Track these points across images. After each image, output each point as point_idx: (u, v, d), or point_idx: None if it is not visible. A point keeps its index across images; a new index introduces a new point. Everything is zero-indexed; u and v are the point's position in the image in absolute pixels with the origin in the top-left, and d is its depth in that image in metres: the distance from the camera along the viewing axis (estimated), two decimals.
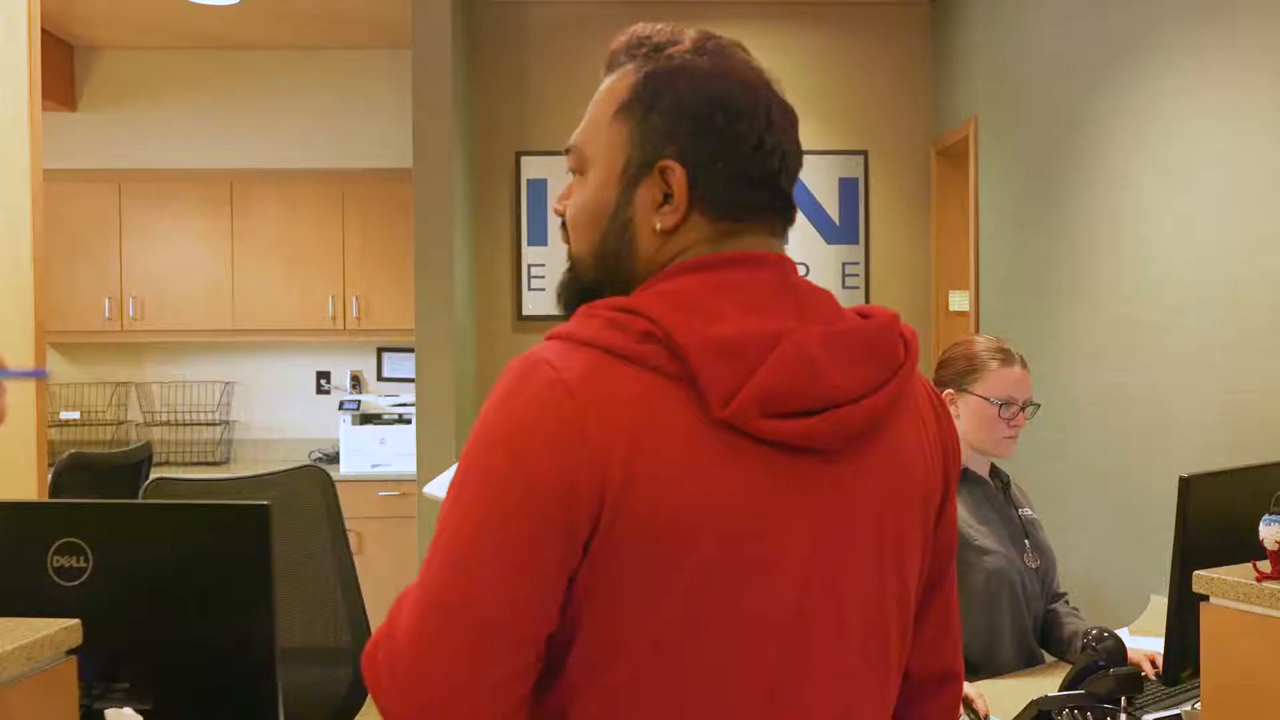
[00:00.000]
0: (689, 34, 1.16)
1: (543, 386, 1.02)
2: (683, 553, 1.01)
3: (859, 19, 5.37)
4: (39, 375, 1.27)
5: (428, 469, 4.64)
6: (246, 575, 1.75)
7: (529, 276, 5.30)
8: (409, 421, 5.81)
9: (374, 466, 5.76)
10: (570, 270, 1.17)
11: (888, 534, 1.12)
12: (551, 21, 5.27)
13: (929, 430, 1.19)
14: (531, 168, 5.27)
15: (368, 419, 5.88)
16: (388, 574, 5.33)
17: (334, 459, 5.90)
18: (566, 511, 1.00)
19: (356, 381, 6.35)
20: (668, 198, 1.11)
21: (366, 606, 3.06)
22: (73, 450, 3.65)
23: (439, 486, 1.59)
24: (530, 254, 5.29)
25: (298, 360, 6.33)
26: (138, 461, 3.86)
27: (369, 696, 2.96)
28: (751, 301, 1.06)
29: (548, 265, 5.28)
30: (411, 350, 6.15)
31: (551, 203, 5.20)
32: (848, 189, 5.34)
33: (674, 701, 1.04)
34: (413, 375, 6.18)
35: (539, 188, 5.29)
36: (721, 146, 1.10)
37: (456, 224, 4.73)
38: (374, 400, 5.96)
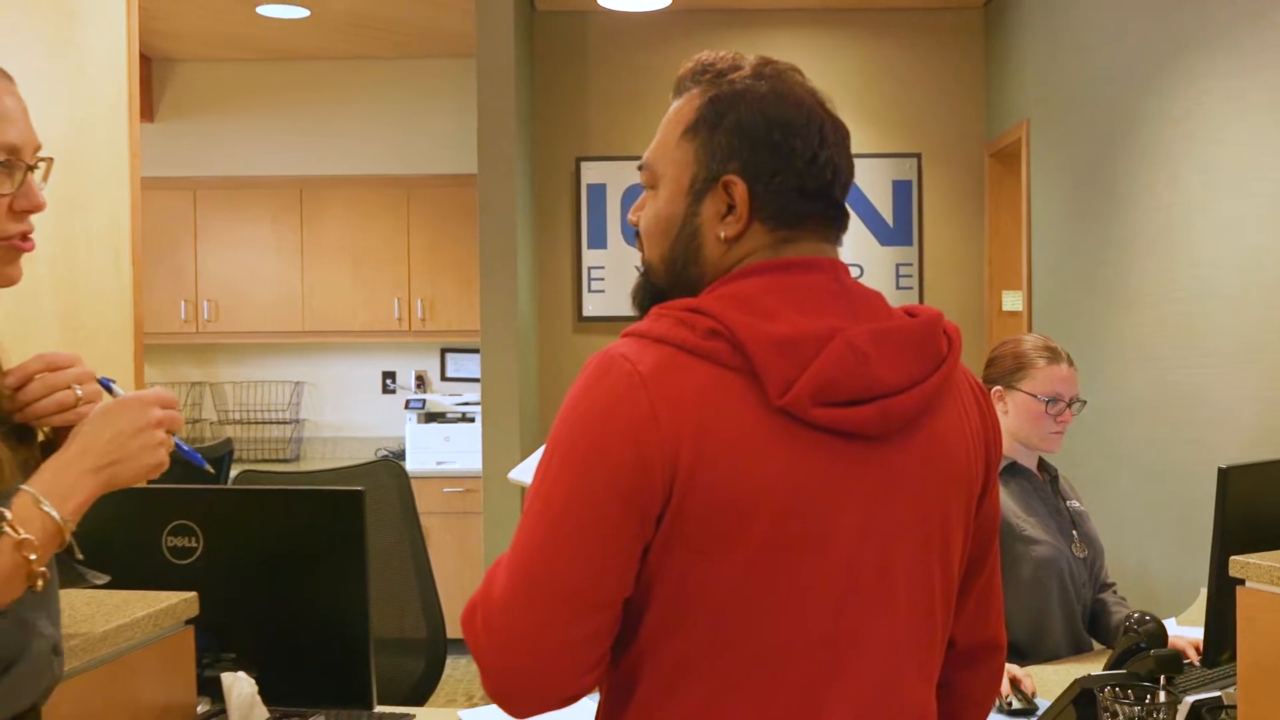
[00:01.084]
0: (749, 60, 1.28)
1: (620, 378, 1.15)
2: (744, 526, 1.14)
3: (912, 24, 5.45)
4: (200, 464, 1.42)
5: (493, 464, 4.80)
6: (342, 555, 1.90)
7: (589, 279, 5.44)
8: (472, 420, 5.99)
9: (439, 464, 5.94)
10: (644, 275, 1.30)
11: (932, 513, 1.24)
12: (609, 30, 5.40)
13: (971, 419, 1.30)
14: (591, 173, 5.41)
15: (432, 417, 6.06)
16: (453, 568, 5.50)
17: (399, 456, 6.09)
18: (641, 489, 1.13)
19: (421, 381, 6.54)
20: (731, 209, 1.23)
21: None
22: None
23: (522, 472, 1.73)
24: (590, 257, 5.43)
25: (364, 361, 6.53)
26: (219, 456, 4.05)
27: (435, 687, 3.08)
28: (806, 302, 1.19)
29: (607, 268, 5.42)
30: (473, 350, 6.33)
31: (610, 207, 5.36)
32: (901, 191, 5.43)
33: (735, 663, 1.16)
34: (475, 375, 6.36)
35: (598, 192, 5.43)
36: (779, 162, 1.22)
37: (519, 228, 4.89)
38: (438, 399, 6.14)
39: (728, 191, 1.23)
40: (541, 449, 1.24)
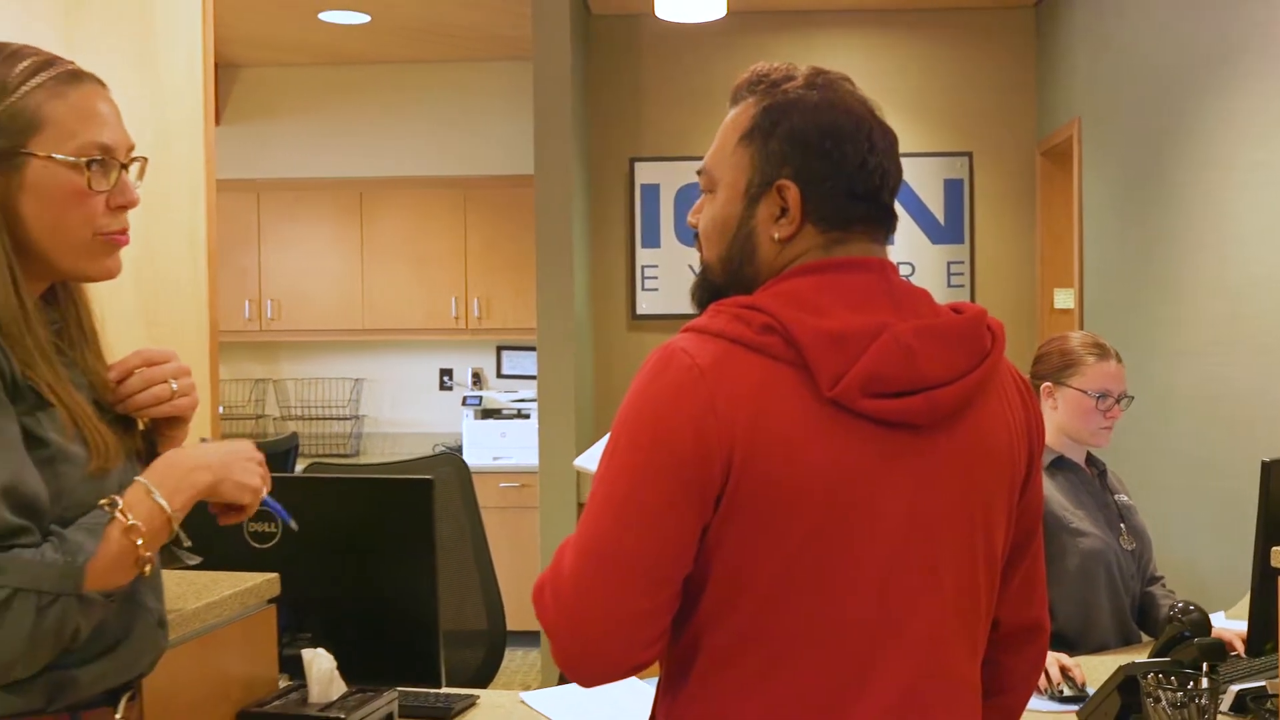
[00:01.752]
0: (802, 70, 1.36)
1: (680, 370, 1.23)
2: (796, 509, 1.21)
3: (963, 23, 5.48)
4: (286, 519, 1.54)
5: (549, 460, 4.90)
6: (412, 541, 2.00)
7: (643, 277, 5.52)
8: (528, 416, 6.10)
9: (495, 459, 6.06)
10: (702, 274, 1.38)
11: (976, 499, 1.31)
12: (662, 33, 5.48)
13: (1015, 411, 1.37)
14: (645, 173, 5.50)
15: (489, 414, 6.18)
16: (509, 561, 5.59)
17: (456, 452, 6.21)
18: (700, 473, 1.21)
19: (477, 378, 6.67)
20: (784, 212, 1.31)
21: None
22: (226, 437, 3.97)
23: (588, 460, 1.82)
24: (643, 255, 5.52)
25: (422, 358, 6.66)
26: (286, 450, 4.19)
27: (493, 677, 3.17)
28: (856, 300, 1.26)
29: (660, 266, 5.50)
30: (529, 348, 6.44)
31: (663, 207, 5.44)
32: (952, 190, 5.46)
33: (787, 638, 1.24)
34: (530, 372, 6.47)
35: (652, 192, 5.51)
36: (830, 167, 1.30)
37: (575, 228, 4.98)
38: (495, 396, 6.27)
39: (781, 195, 1.30)
40: (606, 438, 1.32)
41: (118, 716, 1.31)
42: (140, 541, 1.22)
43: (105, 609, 1.24)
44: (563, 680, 3.01)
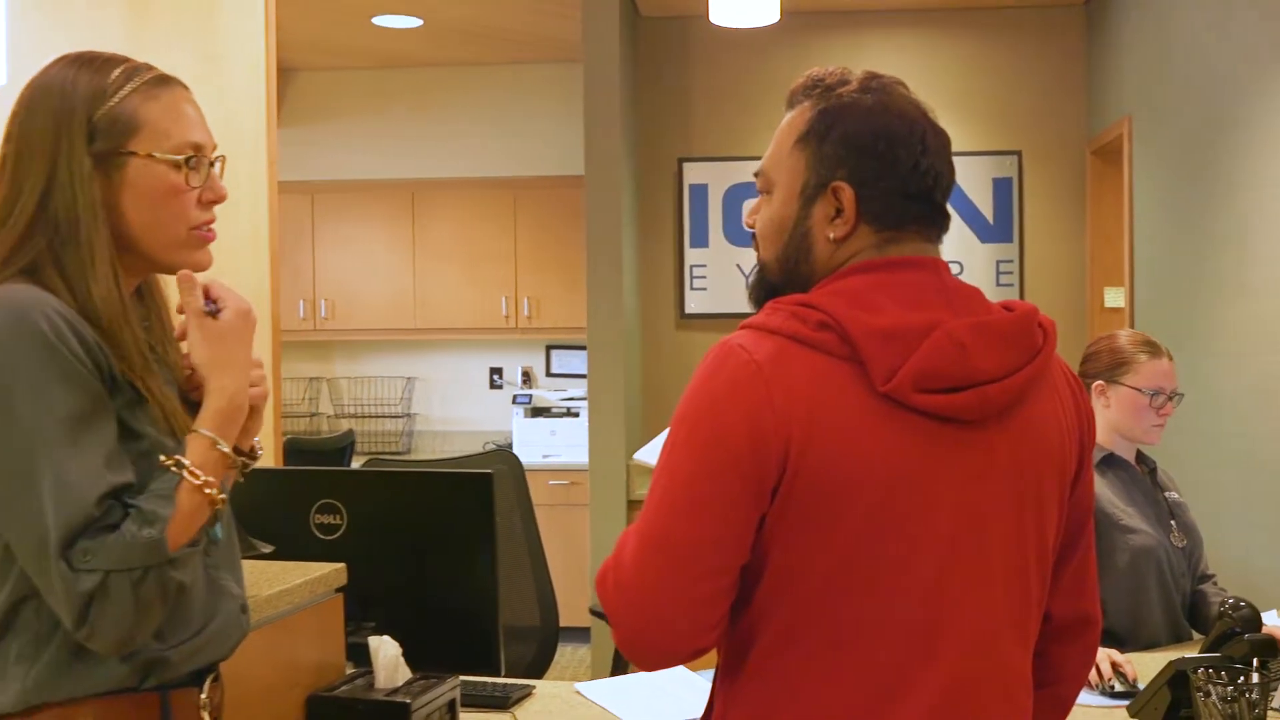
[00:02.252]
0: (856, 75, 1.40)
1: (738, 366, 1.28)
2: (850, 499, 1.25)
3: (1012, 22, 5.47)
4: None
5: (600, 457, 4.96)
6: (473, 533, 2.06)
7: (690, 277, 5.56)
8: (577, 415, 6.16)
9: (544, 457, 6.12)
10: (759, 273, 1.43)
11: (1027, 492, 1.34)
12: (711, 34, 5.52)
13: (1066, 407, 1.40)
14: (693, 173, 5.54)
15: (538, 412, 6.25)
16: (559, 558, 5.63)
17: (506, 450, 6.28)
18: (757, 465, 1.25)
19: (527, 377, 6.74)
20: (839, 212, 1.35)
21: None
22: (287, 436, 4.07)
23: (647, 453, 1.87)
24: (692, 255, 5.56)
25: (472, 357, 6.75)
26: (343, 447, 4.27)
27: (544, 673, 3.22)
28: (909, 297, 1.30)
29: (708, 266, 5.54)
30: (578, 347, 6.50)
31: (711, 207, 5.47)
32: (1001, 189, 5.45)
33: (841, 626, 1.28)
34: (579, 370, 6.53)
35: (700, 192, 5.55)
36: (883, 169, 1.34)
37: (624, 228, 5.03)
38: (544, 394, 6.34)
39: (836, 196, 1.34)
40: (665, 432, 1.37)
41: (202, 696, 1.37)
42: (211, 490, 1.28)
43: (196, 553, 1.29)
44: (614, 672, 3.05)
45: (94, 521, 1.20)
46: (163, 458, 1.28)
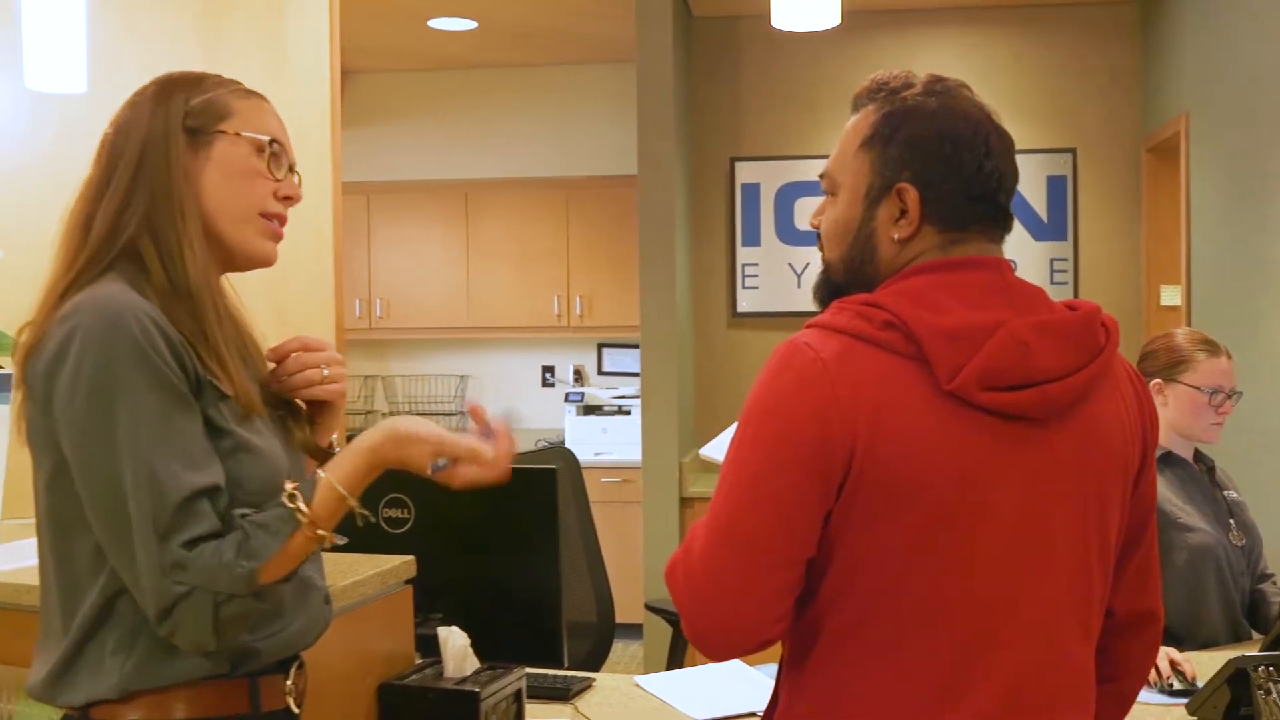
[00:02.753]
0: (920, 78, 1.42)
1: (805, 364, 1.30)
2: (915, 496, 1.28)
3: (1066, 19, 5.44)
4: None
5: (652, 455, 4.99)
6: (537, 527, 2.10)
7: (743, 276, 5.58)
8: (628, 412, 6.21)
9: (596, 454, 6.17)
10: (824, 273, 1.45)
11: (1090, 489, 1.36)
12: (763, 34, 5.53)
13: (1129, 405, 1.42)
14: (745, 173, 5.56)
15: (590, 410, 6.30)
16: (611, 555, 5.67)
17: (560, 446, 6.33)
18: (824, 462, 1.28)
19: (579, 375, 6.79)
20: (903, 214, 1.37)
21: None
22: (350, 433, 4.14)
23: (713, 449, 1.90)
24: (744, 254, 5.58)
25: (525, 355, 6.81)
26: None
27: (599, 669, 3.26)
28: (973, 297, 1.32)
29: (760, 265, 5.56)
30: (629, 346, 6.55)
31: (763, 206, 5.49)
32: (1055, 187, 5.43)
33: (904, 619, 1.30)
34: (630, 369, 6.58)
35: (752, 191, 5.57)
36: (948, 171, 1.36)
37: (677, 227, 5.07)
38: (596, 392, 6.38)
39: (900, 198, 1.37)
40: (731, 428, 1.40)
41: (288, 683, 1.42)
42: (322, 533, 1.32)
43: (284, 589, 1.34)
44: (670, 668, 3.09)
45: (182, 525, 1.24)
46: (286, 492, 1.31)
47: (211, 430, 1.32)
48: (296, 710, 1.44)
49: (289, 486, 1.32)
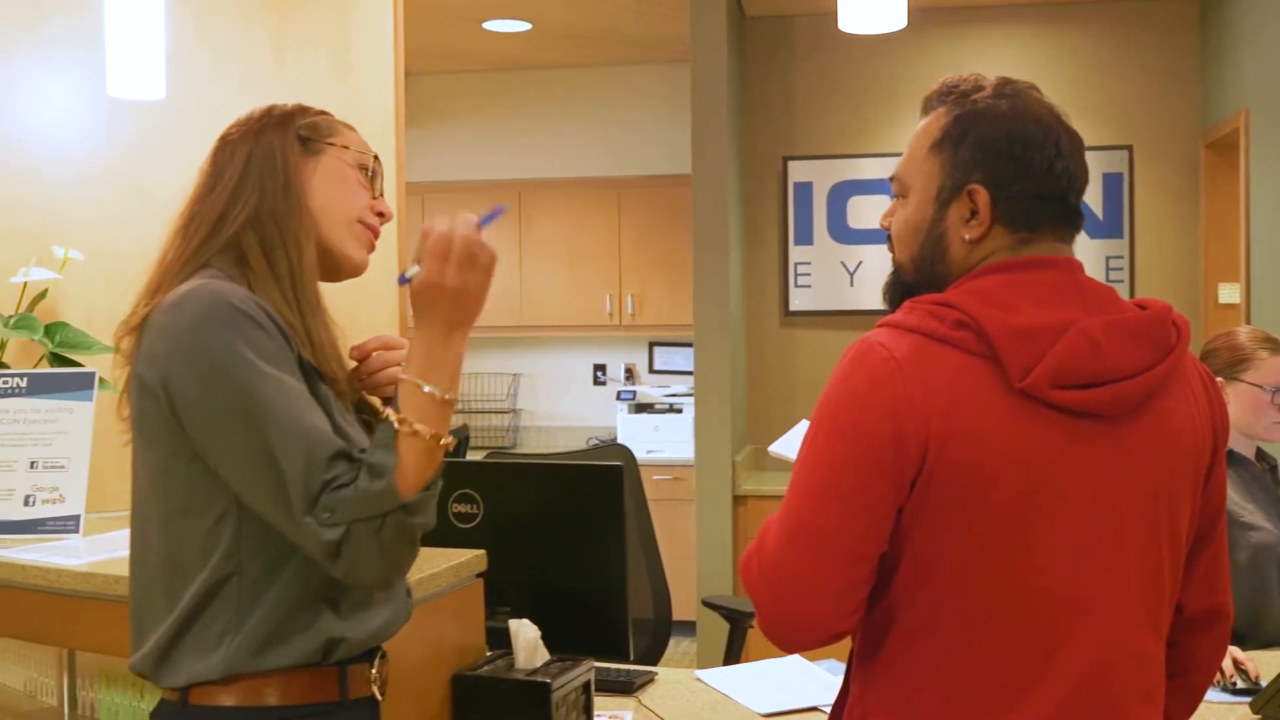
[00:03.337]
0: (990, 81, 1.44)
1: (878, 363, 1.33)
2: (987, 492, 1.30)
3: (1123, 14, 5.41)
4: (497, 213, 1.54)
5: (705, 453, 5.02)
6: (603, 522, 2.14)
7: (795, 274, 5.59)
8: (680, 410, 6.24)
9: (648, 452, 6.20)
10: (894, 274, 1.48)
11: (1160, 486, 1.37)
12: (815, 33, 5.55)
13: (1199, 403, 1.43)
14: (798, 172, 5.57)
15: (642, 408, 6.34)
16: (662, 552, 5.73)
17: (613, 444, 6.37)
18: (897, 459, 1.30)
19: (630, 373, 6.83)
20: (974, 214, 1.39)
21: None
22: None
23: (783, 446, 1.93)
24: (796, 253, 5.59)
25: (577, 354, 6.86)
26: (459, 441, 4.39)
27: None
28: (1044, 297, 1.34)
29: (813, 264, 5.57)
30: (680, 344, 6.58)
31: (815, 205, 5.49)
32: (1111, 184, 5.39)
33: (977, 614, 1.32)
34: (681, 367, 6.61)
35: (804, 190, 5.58)
36: (1018, 172, 1.38)
37: (730, 226, 5.09)
38: (648, 390, 6.42)
39: (971, 199, 1.39)
40: (799, 425, 1.43)
41: (373, 671, 1.47)
42: (431, 434, 1.33)
43: (434, 496, 1.37)
44: (726, 663, 3.12)
45: (332, 480, 1.29)
46: (382, 416, 1.34)
47: None
48: (380, 698, 1.49)
49: (386, 412, 1.34)
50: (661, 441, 6.27)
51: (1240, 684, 2.24)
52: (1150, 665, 1.39)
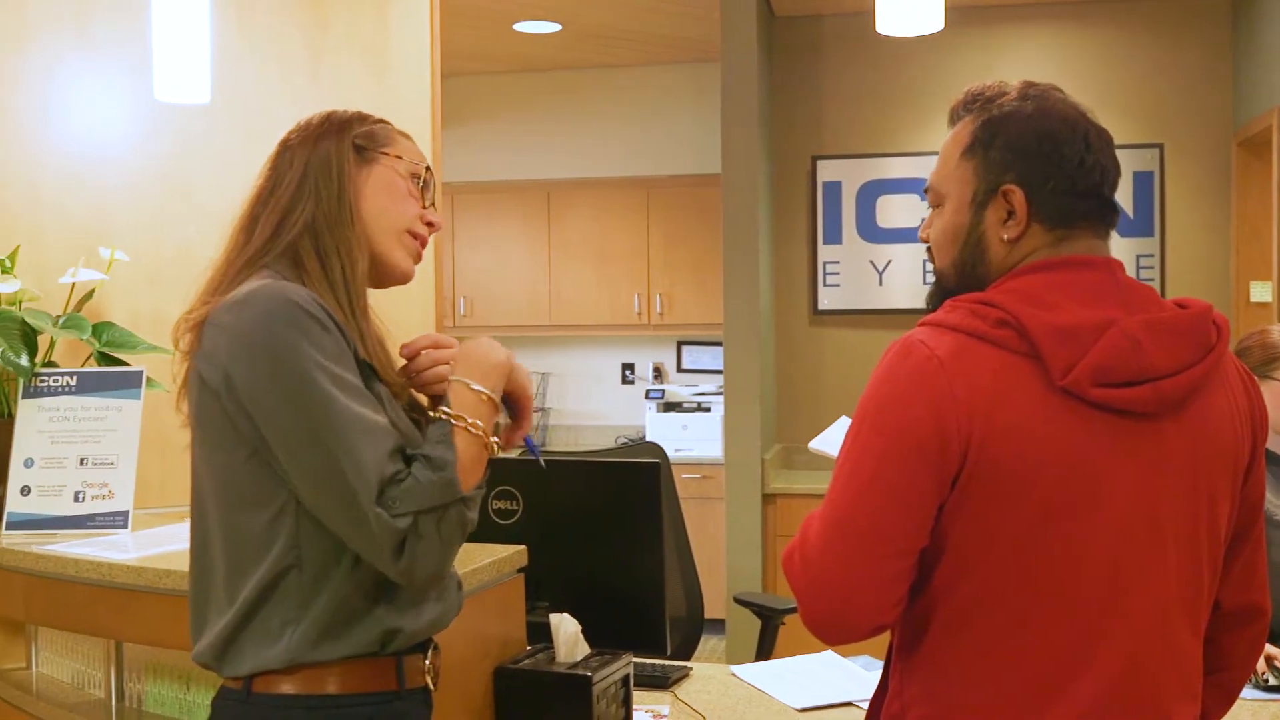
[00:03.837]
0: (1014, 85, 1.47)
1: (920, 361, 1.35)
2: (1028, 489, 1.32)
3: (1155, 13, 5.39)
4: (536, 454, 1.67)
5: (735, 451, 5.04)
6: (641, 519, 2.17)
7: (824, 273, 5.61)
8: (708, 409, 6.26)
9: (676, 451, 6.22)
10: (937, 281, 1.50)
11: (1200, 483, 1.39)
12: (843, 33, 5.56)
13: (1239, 402, 1.44)
14: (827, 171, 5.58)
15: (670, 406, 6.37)
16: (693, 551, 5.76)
17: (642, 442, 6.40)
18: (939, 455, 1.32)
19: (658, 372, 6.86)
20: (1011, 214, 1.42)
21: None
22: None
23: (823, 443, 1.96)
24: (825, 252, 5.60)
25: (605, 353, 6.90)
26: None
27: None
28: (1085, 295, 1.36)
29: (842, 263, 5.58)
30: (708, 344, 6.60)
31: (844, 204, 5.50)
32: (1142, 182, 5.38)
33: (1016, 608, 1.35)
34: (709, 366, 6.63)
35: (833, 189, 5.59)
36: (1050, 169, 1.40)
37: (760, 225, 5.11)
38: (677, 389, 6.44)
39: (1007, 199, 1.41)
40: (839, 422, 1.46)
41: (426, 662, 1.51)
42: (481, 431, 1.40)
43: (482, 493, 1.43)
44: (758, 659, 3.14)
45: (395, 474, 1.34)
46: (433, 414, 1.42)
47: None
48: (433, 688, 1.53)
49: (436, 411, 1.42)
50: (690, 440, 6.29)
51: (1273, 680, 2.25)
52: (1188, 660, 1.41)
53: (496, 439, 1.44)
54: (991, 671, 1.36)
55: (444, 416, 1.40)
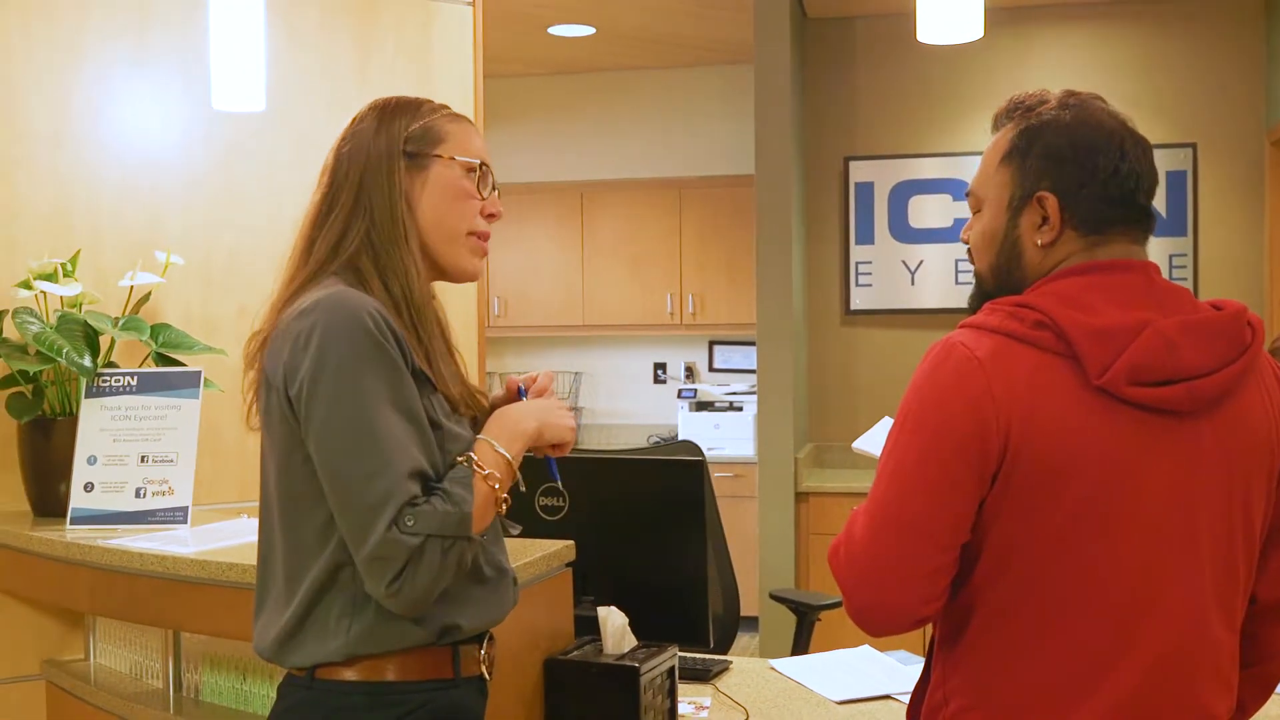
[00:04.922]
0: (1055, 94, 1.52)
1: (960, 361, 1.40)
2: (1066, 484, 1.37)
3: (1188, 13, 5.40)
4: (555, 476, 1.76)
5: (768, 450, 5.09)
6: (684, 516, 2.22)
7: (856, 273, 5.65)
8: (740, 409, 6.31)
9: (709, 450, 6.26)
10: (976, 284, 1.55)
11: (1235, 480, 1.43)
12: (875, 34, 5.60)
13: (1273, 401, 1.48)
14: (859, 172, 5.62)
15: (702, 406, 6.42)
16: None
17: (674, 441, 6.46)
18: (980, 453, 1.37)
19: (690, 372, 6.91)
20: (1045, 220, 1.46)
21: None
22: None
23: (866, 442, 2.01)
24: (857, 252, 5.64)
25: (637, 352, 6.96)
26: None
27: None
28: (1121, 298, 1.41)
29: (874, 263, 5.61)
30: (740, 343, 6.65)
31: (876, 204, 5.53)
32: (1175, 182, 5.39)
33: (1055, 603, 1.39)
34: (741, 366, 6.68)
35: (865, 190, 5.63)
36: (1084, 176, 1.45)
37: (793, 226, 5.16)
38: (709, 389, 6.49)
39: (1041, 205, 1.46)
40: (882, 422, 1.51)
41: (482, 653, 1.57)
42: (497, 486, 1.47)
43: (479, 545, 1.49)
44: (794, 654, 3.19)
45: (413, 498, 1.39)
46: (460, 458, 1.47)
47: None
48: (488, 678, 1.59)
49: (460, 458, 1.48)
50: (722, 439, 6.34)
51: None
52: (1223, 654, 1.45)
53: (507, 498, 1.50)
54: (1030, 663, 1.40)
55: (465, 464, 1.46)
